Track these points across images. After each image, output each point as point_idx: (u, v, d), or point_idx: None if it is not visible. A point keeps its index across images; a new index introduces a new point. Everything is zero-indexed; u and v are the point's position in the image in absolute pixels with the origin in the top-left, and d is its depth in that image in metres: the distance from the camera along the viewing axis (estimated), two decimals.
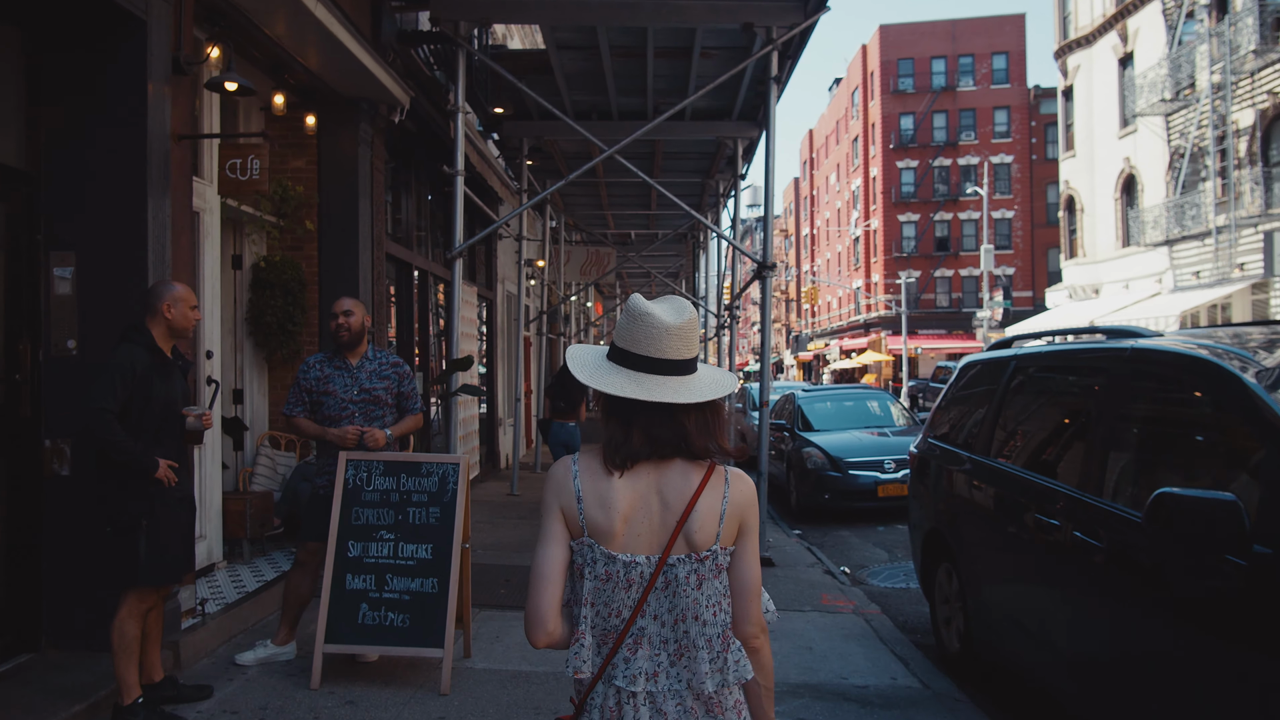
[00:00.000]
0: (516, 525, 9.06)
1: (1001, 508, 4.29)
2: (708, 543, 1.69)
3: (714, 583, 1.71)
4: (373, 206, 7.69)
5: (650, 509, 1.70)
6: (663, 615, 1.70)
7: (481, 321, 13.17)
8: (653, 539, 1.69)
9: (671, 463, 1.71)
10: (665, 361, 1.71)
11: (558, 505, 1.73)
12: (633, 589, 1.69)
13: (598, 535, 1.69)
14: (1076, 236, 27.89)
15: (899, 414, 11.90)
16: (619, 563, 1.68)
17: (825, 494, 10.06)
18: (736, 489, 1.73)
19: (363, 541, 4.38)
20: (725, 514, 1.70)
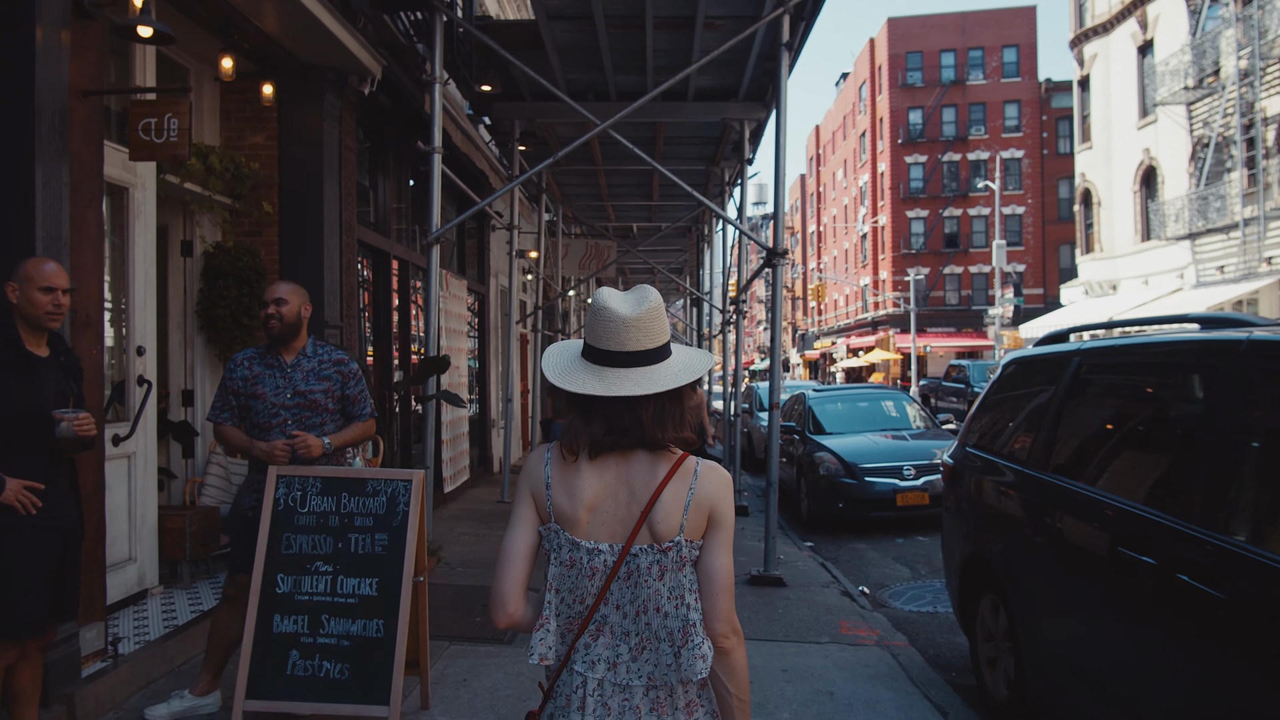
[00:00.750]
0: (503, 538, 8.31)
1: (1069, 536, 3.53)
2: (671, 534, 1.68)
3: (677, 575, 1.69)
4: (341, 188, 6.95)
5: (618, 498, 1.71)
6: (625, 606, 1.70)
7: (472, 314, 12.43)
8: (617, 527, 1.70)
9: (637, 453, 1.72)
10: (626, 354, 1.71)
11: (528, 490, 1.77)
12: (596, 577, 1.70)
13: (563, 521, 1.71)
14: (1093, 231, 27.05)
15: (916, 415, 11.13)
16: (582, 549, 1.69)
17: (839, 502, 9.30)
18: (706, 480, 1.72)
19: (295, 575, 3.63)
20: (690, 505, 1.69)
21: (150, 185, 5.21)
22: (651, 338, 1.73)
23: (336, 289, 6.86)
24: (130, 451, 5.01)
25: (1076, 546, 3.47)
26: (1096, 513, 3.31)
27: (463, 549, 7.76)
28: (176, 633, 4.58)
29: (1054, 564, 3.62)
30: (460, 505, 10.25)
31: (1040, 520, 3.77)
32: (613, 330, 1.71)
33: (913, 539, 9.02)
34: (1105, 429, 3.68)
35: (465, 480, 11.26)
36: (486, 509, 10.04)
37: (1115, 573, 3.10)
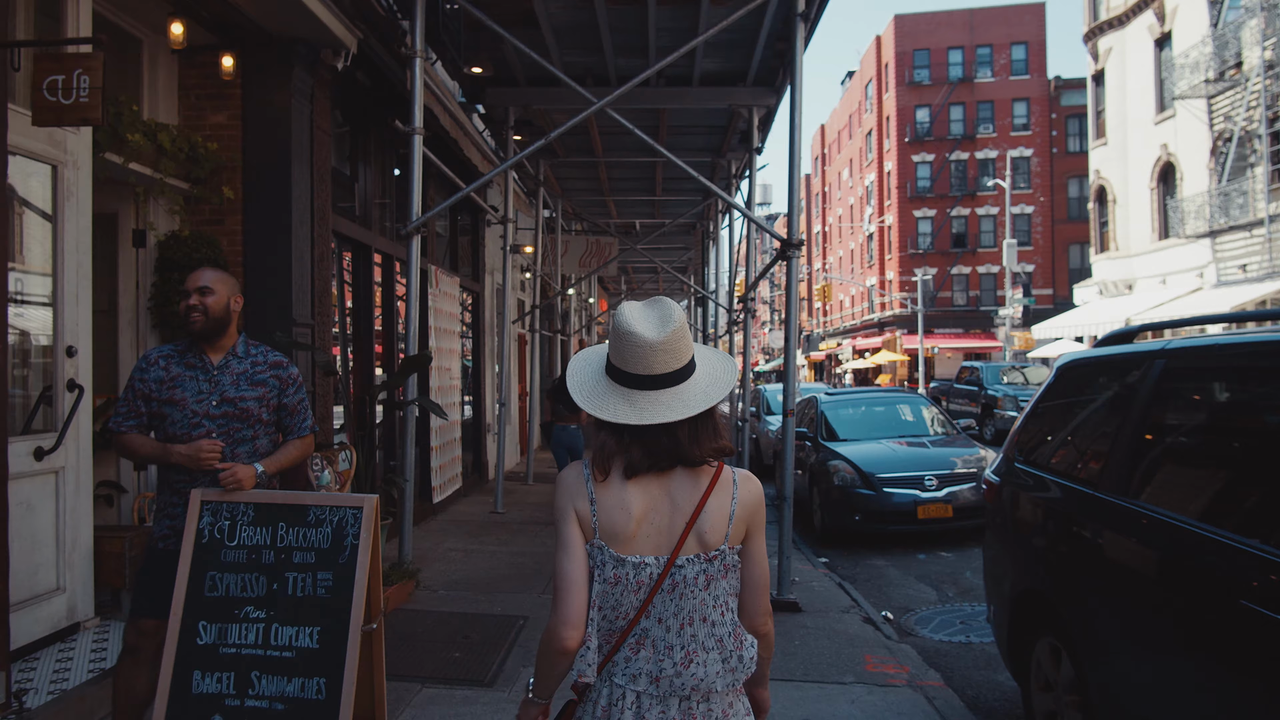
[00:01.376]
0: (494, 554, 7.68)
1: (1162, 578, 2.89)
2: (717, 542, 1.71)
3: (721, 583, 1.73)
4: (313, 172, 6.33)
5: (661, 511, 1.72)
6: (667, 618, 1.71)
7: (464, 310, 11.80)
8: (661, 540, 1.71)
9: (673, 470, 1.74)
10: (655, 377, 1.72)
11: (572, 509, 1.74)
12: (641, 590, 1.70)
13: (610, 538, 1.70)
14: (1108, 229, 26.36)
15: (935, 420, 10.47)
16: (628, 565, 1.70)
17: (855, 514, 8.66)
18: (745, 489, 1.77)
19: (220, 622, 3.00)
20: (734, 514, 1.73)
21: (85, 163, 4.59)
22: (678, 358, 1.73)
23: (307, 283, 6.24)
24: (58, 466, 4.39)
25: (1173, 592, 2.83)
26: (1204, 552, 2.66)
27: (447, 567, 7.13)
28: (103, 677, 3.95)
29: (1141, 610, 2.97)
30: (450, 516, 9.62)
31: (1121, 556, 3.13)
32: (640, 355, 1.70)
33: (935, 555, 8.38)
34: (1208, 445, 3.03)
35: (457, 489, 10.64)
36: (478, 520, 9.41)
37: (1230, 628, 2.46)
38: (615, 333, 1.74)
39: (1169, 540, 2.86)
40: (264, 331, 5.80)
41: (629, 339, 1.71)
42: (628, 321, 1.73)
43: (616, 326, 1.74)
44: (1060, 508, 3.63)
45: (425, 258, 9.49)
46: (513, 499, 10.90)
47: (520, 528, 9.00)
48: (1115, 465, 3.27)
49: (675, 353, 1.73)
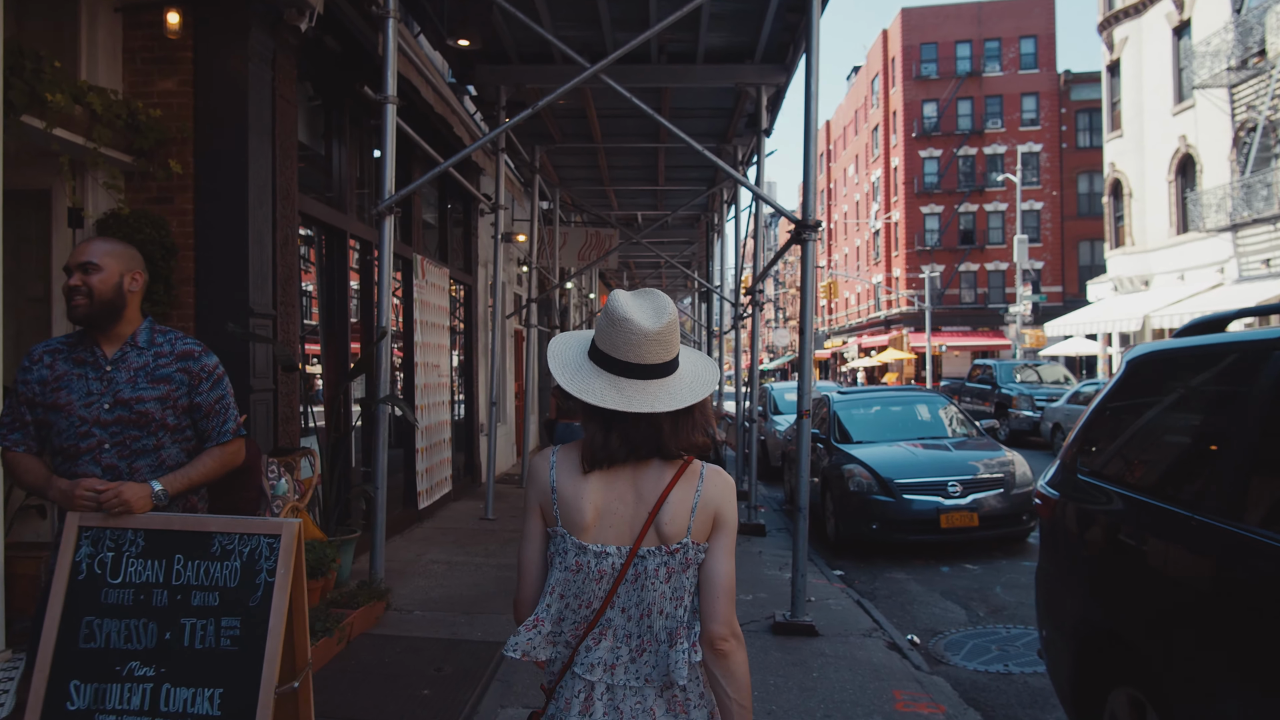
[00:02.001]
0: (479, 568, 7.04)
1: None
2: (678, 535, 1.70)
3: (681, 576, 1.71)
4: (275, 146, 5.70)
5: (625, 500, 1.71)
6: (630, 609, 1.71)
7: (457, 304, 11.16)
8: (624, 530, 1.71)
9: (649, 461, 1.73)
10: (645, 366, 1.71)
11: (536, 499, 1.76)
12: (604, 580, 1.70)
13: (571, 526, 1.70)
14: (1124, 224, 25.66)
15: (955, 421, 9.81)
16: (590, 553, 1.70)
17: (872, 523, 8.01)
18: (711, 483, 1.74)
19: (97, 682, 2.37)
20: (697, 507, 1.71)
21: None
22: (669, 350, 1.74)
23: (268, 270, 5.60)
24: None
25: None
26: None
27: (428, 583, 6.50)
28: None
29: (1271, 666, 2.32)
30: (437, 523, 8.99)
31: (1241, 596, 2.48)
32: (634, 342, 1.69)
33: (960, 567, 7.73)
34: None
35: (447, 492, 10.01)
36: (467, 528, 8.77)
37: None
38: (609, 319, 1.71)
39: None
40: (217, 323, 5.18)
41: (624, 325, 1.69)
42: (623, 308, 1.71)
43: (611, 312, 1.71)
44: (1148, 534, 2.98)
45: (410, 246, 8.86)
46: (505, 504, 10.26)
47: (511, 537, 8.37)
48: (1228, 482, 2.62)
49: (667, 345, 1.72)
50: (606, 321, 1.73)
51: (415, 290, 8.92)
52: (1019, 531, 8.13)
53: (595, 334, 1.77)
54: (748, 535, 8.93)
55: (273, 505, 4.79)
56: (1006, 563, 7.84)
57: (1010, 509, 7.96)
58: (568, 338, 1.85)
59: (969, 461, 8.37)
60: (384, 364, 5.64)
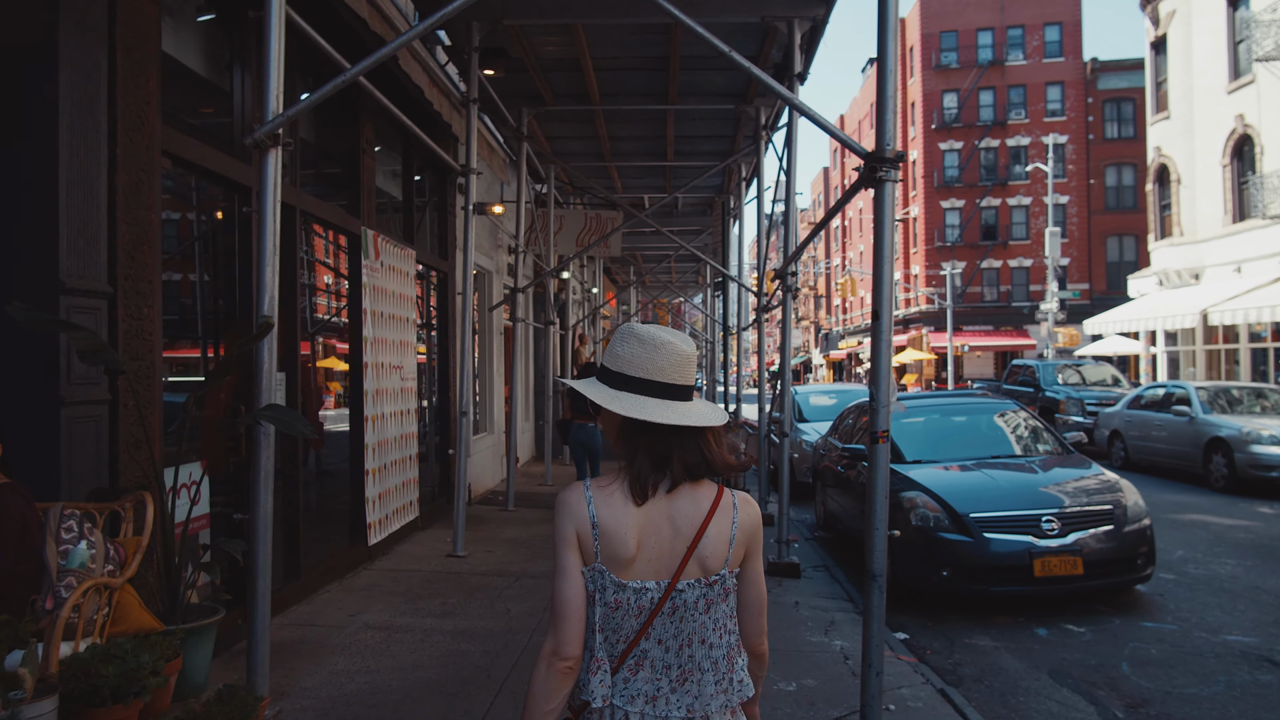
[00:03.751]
0: (427, 636, 5.27)
1: None
2: (718, 566, 1.71)
3: (721, 606, 1.73)
4: (117, 54, 3.96)
5: (662, 534, 1.70)
6: (667, 640, 1.71)
7: (430, 293, 9.41)
8: (662, 564, 1.70)
9: (681, 487, 1.74)
10: (684, 387, 1.77)
11: (573, 531, 1.71)
12: (641, 614, 1.69)
13: (611, 562, 1.68)
14: (1170, 213, 23.75)
15: (1034, 433, 7.99)
16: (629, 590, 1.68)
17: (941, 568, 6.22)
18: (745, 513, 1.77)
19: None
20: (735, 538, 1.73)
21: None
22: (695, 372, 1.81)
23: (98, 227, 3.85)
24: None
25: None
26: None
27: (348, 665, 4.73)
28: None
29: None
30: (392, 562, 7.23)
31: None
32: (677, 364, 1.76)
33: (1060, 629, 5.93)
34: None
35: (411, 520, 8.27)
36: (426, 570, 7.01)
37: None
38: (646, 346, 1.76)
39: None
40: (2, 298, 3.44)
41: (669, 348, 1.76)
42: (662, 335, 1.77)
43: (648, 340, 1.77)
44: None
45: (358, 218, 7.13)
46: (483, 534, 8.51)
47: (481, 583, 6.61)
48: None
49: (695, 365, 1.82)
50: (643, 347, 1.76)
51: (365, 274, 7.18)
52: (1132, 580, 6.33)
53: (616, 364, 1.78)
54: (777, 577, 7.16)
55: (59, 586, 3.04)
56: (1120, 622, 6.04)
57: (1122, 551, 6.15)
58: (580, 382, 1.84)
59: (1064, 488, 6.57)
60: (266, 365, 3.89)
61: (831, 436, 9.69)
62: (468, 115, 7.67)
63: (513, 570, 7.03)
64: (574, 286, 18.75)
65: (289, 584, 5.86)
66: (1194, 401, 12.86)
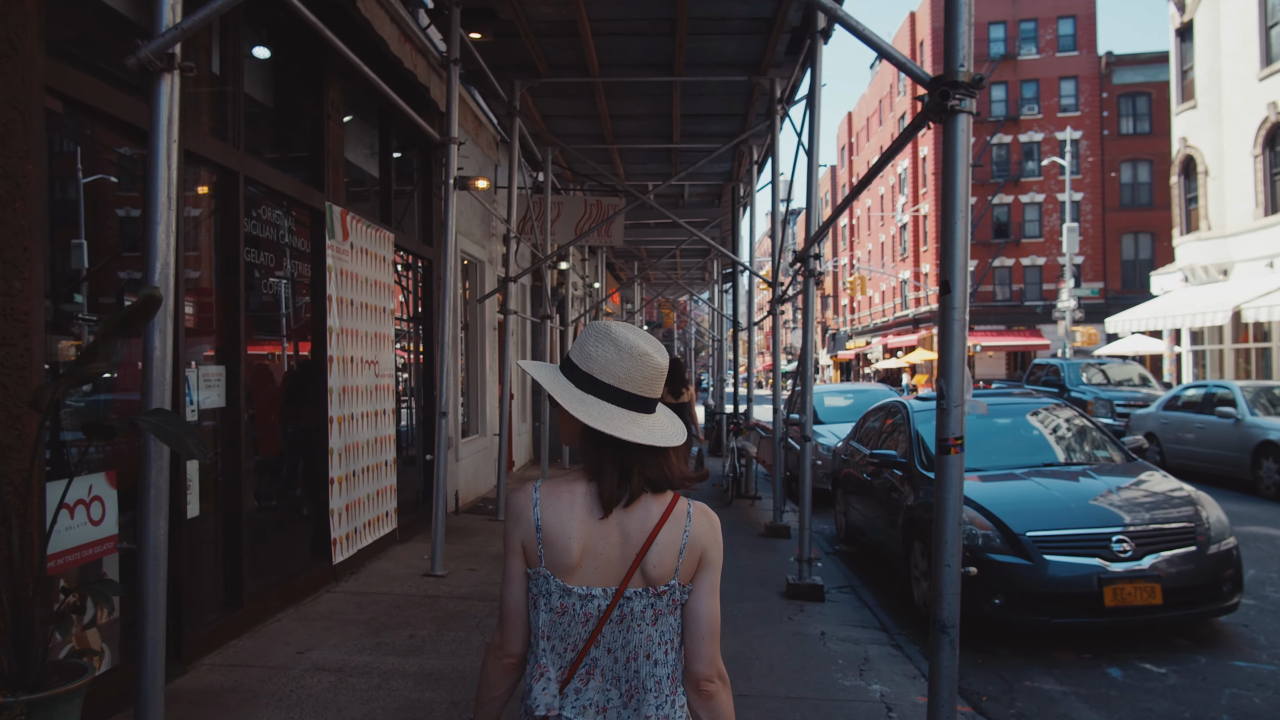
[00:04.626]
0: (386, 681, 4.39)
1: None
2: (665, 577, 1.66)
3: (669, 619, 1.68)
4: None
5: (610, 541, 1.65)
6: (616, 649, 1.67)
7: (413, 283, 8.55)
8: (610, 571, 1.65)
9: (640, 497, 1.70)
10: (650, 400, 1.71)
11: (518, 537, 1.68)
12: (590, 622, 1.65)
13: (555, 567, 1.64)
14: (1196, 206, 22.79)
15: (1087, 437, 7.08)
16: (575, 595, 1.64)
17: (994, 595, 5.33)
18: (698, 523, 1.70)
19: None
20: (685, 548, 1.67)
21: None
22: None
23: None
24: None
25: None
26: None
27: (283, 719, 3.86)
28: None
29: None
30: (358, 585, 6.36)
31: None
32: (650, 377, 1.70)
33: (1135, 668, 5.03)
34: None
35: (388, 533, 7.41)
36: (398, 592, 6.15)
37: None
38: (622, 352, 1.68)
39: None
40: None
41: (644, 360, 1.69)
42: (634, 343, 1.69)
43: (625, 347, 1.68)
44: None
45: (322, 192, 6.28)
46: (468, 548, 7.64)
47: (458, 609, 5.74)
48: None
49: (663, 380, 1.74)
50: (619, 353, 1.68)
51: (330, 255, 6.33)
52: (1217, 611, 5.43)
53: (586, 364, 1.69)
54: (798, 601, 6.29)
55: None
56: (1207, 661, 5.14)
57: (1205, 576, 5.26)
58: (541, 367, 1.78)
59: (1133, 501, 5.68)
60: (158, 354, 3.02)
61: (854, 440, 8.80)
62: (449, 78, 6.80)
63: (495, 593, 6.15)
64: (574, 282, 17.88)
65: (229, 614, 4.99)
66: (1240, 402, 11.93)
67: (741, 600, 6.30)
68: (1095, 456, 6.70)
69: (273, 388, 5.97)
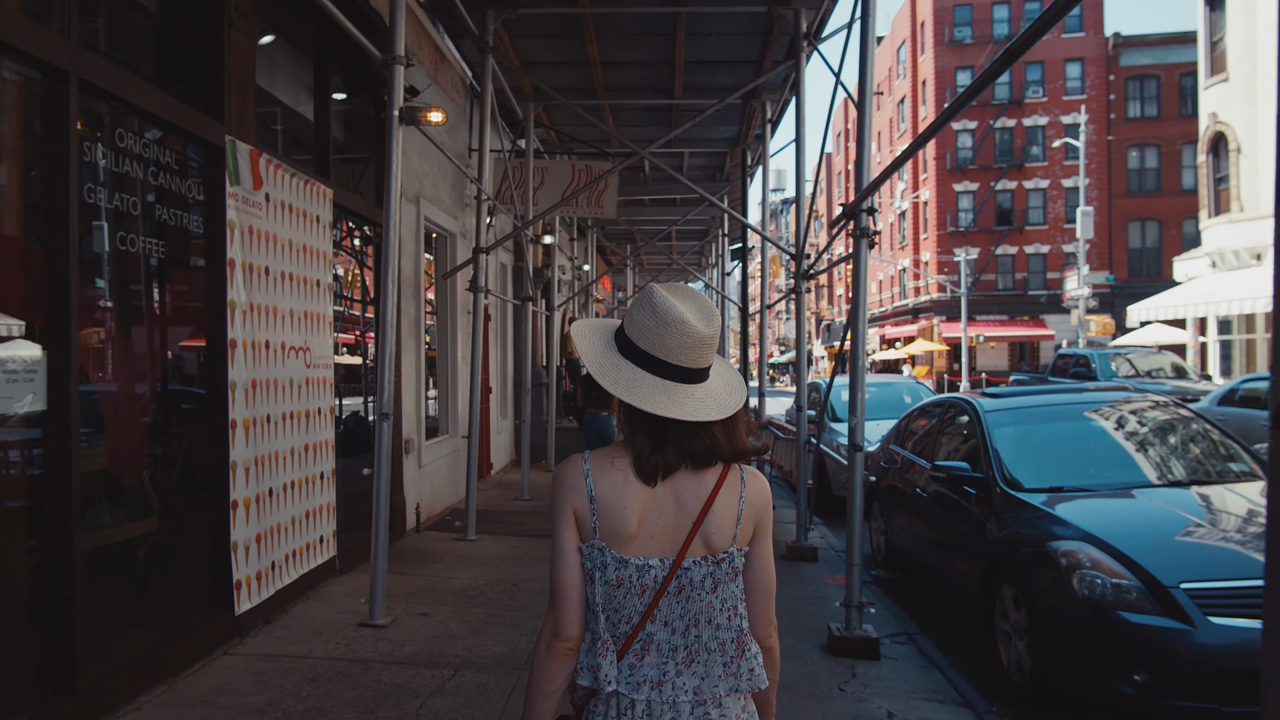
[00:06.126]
0: None
1: None
2: (725, 544, 1.62)
3: (729, 586, 1.63)
4: None
5: (665, 510, 1.61)
6: (674, 621, 1.61)
7: (364, 251, 6.98)
8: (666, 541, 1.61)
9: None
10: (693, 370, 1.62)
11: (570, 509, 1.62)
12: (645, 594, 1.60)
13: (611, 539, 1.59)
14: (1227, 186, 21.38)
15: (1212, 445, 5.58)
16: (631, 566, 1.59)
17: (1134, 669, 3.84)
18: (753, 488, 1.66)
19: None
20: (742, 514, 1.63)
21: None
22: (712, 354, 1.67)
23: None
24: None
25: None
26: None
27: None
28: None
29: None
30: (271, 640, 4.83)
31: None
32: (688, 346, 1.60)
33: None
34: None
35: (324, 563, 5.88)
36: (318, 657, 4.61)
37: None
38: (659, 319, 1.59)
39: None
40: None
41: (681, 328, 1.58)
42: (678, 310, 1.59)
43: (662, 313, 1.59)
44: None
45: (221, 123, 4.73)
46: (423, 582, 6.12)
47: (396, 682, 4.22)
48: None
49: (713, 348, 1.66)
50: (654, 320, 1.60)
51: (234, 208, 4.78)
52: None
53: (630, 329, 1.63)
54: (846, 658, 4.81)
55: None
56: None
57: None
58: (589, 327, 1.71)
59: None
60: None
61: (896, 443, 7.31)
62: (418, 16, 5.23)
63: (452, 654, 4.63)
64: (562, 265, 16.34)
65: (53, 707, 3.45)
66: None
67: None
68: (1231, 470, 5.21)
69: (135, 382, 4.41)
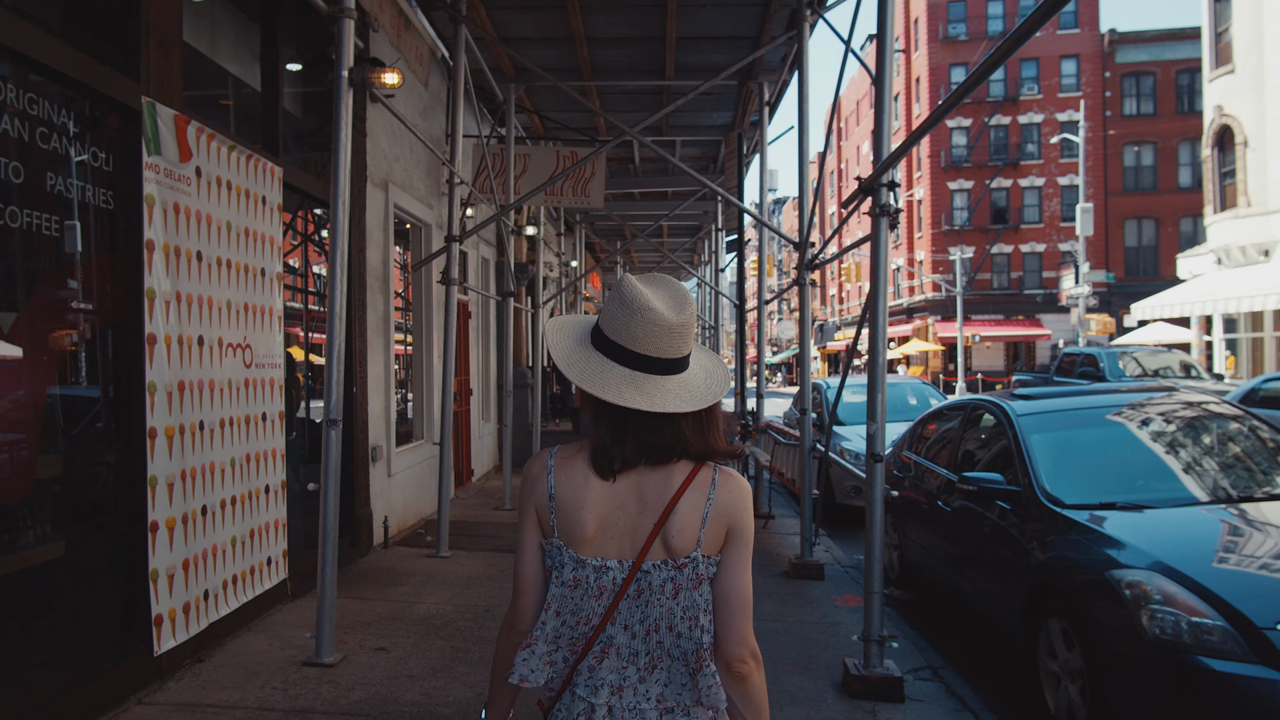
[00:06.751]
0: None
1: None
2: (687, 548, 1.52)
3: (692, 593, 1.53)
4: None
5: (627, 509, 1.54)
6: (633, 625, 1.54)
7: (318, 240, 6.29)
8: (625, 542, 1.54)
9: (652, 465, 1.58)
10: (664, 361, 1.55)
11: (531, 506, 1.59)
12: (604, 596, 1.53)
13: (568, 538, 1.54)
14: (1234, 181, 20.82)
15: (1252, 437, 4.93)
16: (589, 567, 1.53)
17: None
18: (724, 489, 1.55)
19: None
20: (708, 517, 1.53)
21: None
22: (687, 344, 1.59)
23: None
24: None
25: None
26: None
27: None
28: None
29: None
30: (196, 685, 4.12)
31: None
32: (654, 334, 1.53)
33: None
34: None
35: (272, 587, 5.19)
36: (249, 707, 3.91)
37: None
38: (626, 306, 1.53)
39: None
40: None
41: (646, 315, 1.52)
42: (644, 297, 1.54)
43: (629, 300, 1.53)
44: None
45: (136, 82, 4.04)
46: (384, 608, 5.42)
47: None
48: None
49: (686, 338, 1.57)
50: (622, 309, 1.54)
51: (153, 182, 4.09)
52: None
53: (602, 320, 1.58)
54: (866, 700, 4.14)
55: None
56: None
57: None
58: (565, 322, 1.65)
59: None
60: None
61: (910, 449, 6.65)
62: None
63: (407, 700, 3.95)
64: (550, 262, 15.65)
65: None
66: None
67: (778, 697, 4.14)
68: (1266, 462, 4.55)
69: (24, 385, 3.69)
